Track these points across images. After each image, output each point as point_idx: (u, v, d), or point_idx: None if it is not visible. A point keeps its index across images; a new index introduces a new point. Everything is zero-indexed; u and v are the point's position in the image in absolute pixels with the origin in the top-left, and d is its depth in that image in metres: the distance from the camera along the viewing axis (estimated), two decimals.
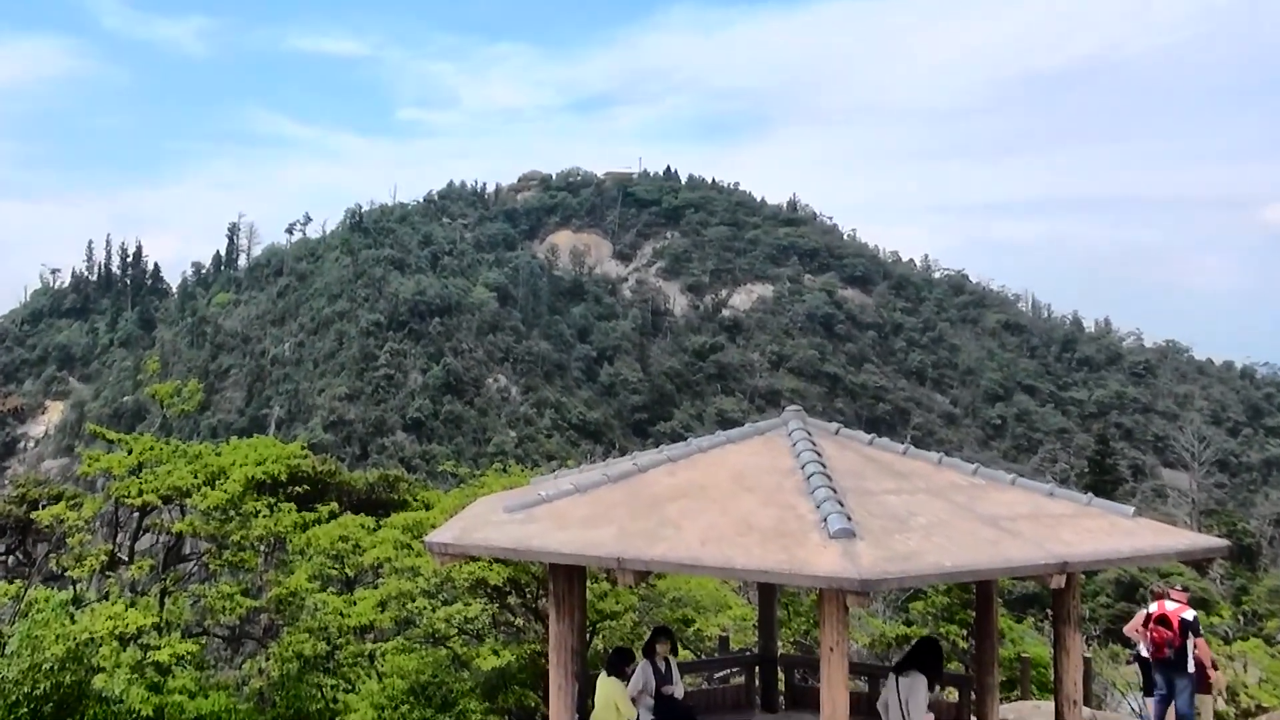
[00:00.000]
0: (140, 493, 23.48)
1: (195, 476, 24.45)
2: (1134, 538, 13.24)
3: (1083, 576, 16.29)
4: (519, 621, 23.81)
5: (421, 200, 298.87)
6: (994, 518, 12.95)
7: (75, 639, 18.55)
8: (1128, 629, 19.99)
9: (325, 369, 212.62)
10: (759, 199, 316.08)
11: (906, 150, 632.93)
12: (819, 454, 13.95)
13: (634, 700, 15.09)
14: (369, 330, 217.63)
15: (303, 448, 29.99)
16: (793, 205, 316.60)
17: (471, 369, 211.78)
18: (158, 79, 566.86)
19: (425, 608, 23.09)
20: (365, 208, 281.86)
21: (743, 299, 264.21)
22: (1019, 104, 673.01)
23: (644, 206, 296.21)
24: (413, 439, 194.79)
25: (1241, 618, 46.18)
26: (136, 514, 24.79)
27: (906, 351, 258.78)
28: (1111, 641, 36.96)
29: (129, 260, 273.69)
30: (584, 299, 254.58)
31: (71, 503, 25.26)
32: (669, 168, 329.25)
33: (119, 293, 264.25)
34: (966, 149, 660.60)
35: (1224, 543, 14.17)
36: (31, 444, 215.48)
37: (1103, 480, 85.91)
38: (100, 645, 19.65)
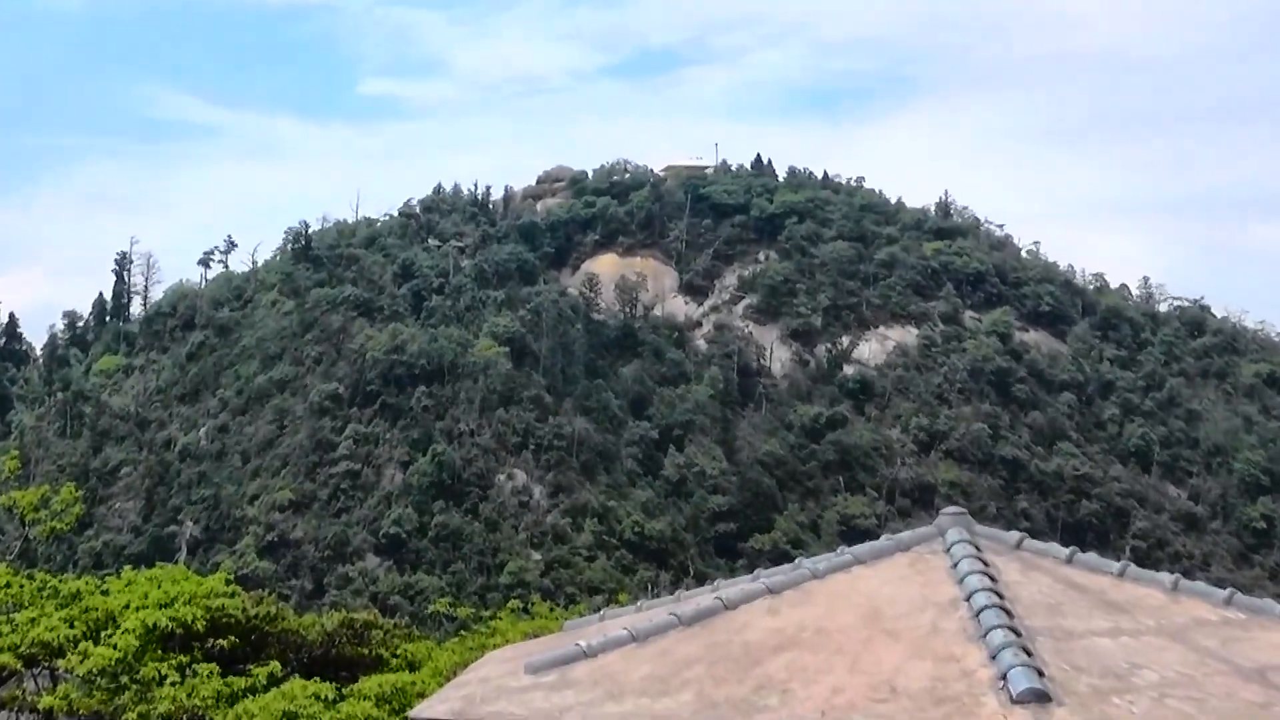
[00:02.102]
0: None
1: (72, 626, 24.54)
2: None
3: None
4: None
5: (397, 214, 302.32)
6: (1261, 669, 12.68)
7: None
8: None
9: (260, 465, 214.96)
10: (894, 200, 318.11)
11: (1111, 121, 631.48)
12: (993, 579, 13.79)
13: None
14: (323, 407, 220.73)
15: (228, 581, 30.15)
16: (945, 208, 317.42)
17: (475, 460, 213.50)
18: (14, 49, 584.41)
19: None
20: (315, 226, 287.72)
21: (874, 349, 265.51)
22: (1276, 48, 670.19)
23: (724, 215, 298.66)
24: (389, 565, 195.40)
25: None
26: None
27: (1121, 422, 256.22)
28: None
29: None
30: (639, 354, 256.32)
31: None
32: (760, 157, 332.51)
33: None
34: (1201, 115, 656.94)
35: None
36: None
37: None
38: None
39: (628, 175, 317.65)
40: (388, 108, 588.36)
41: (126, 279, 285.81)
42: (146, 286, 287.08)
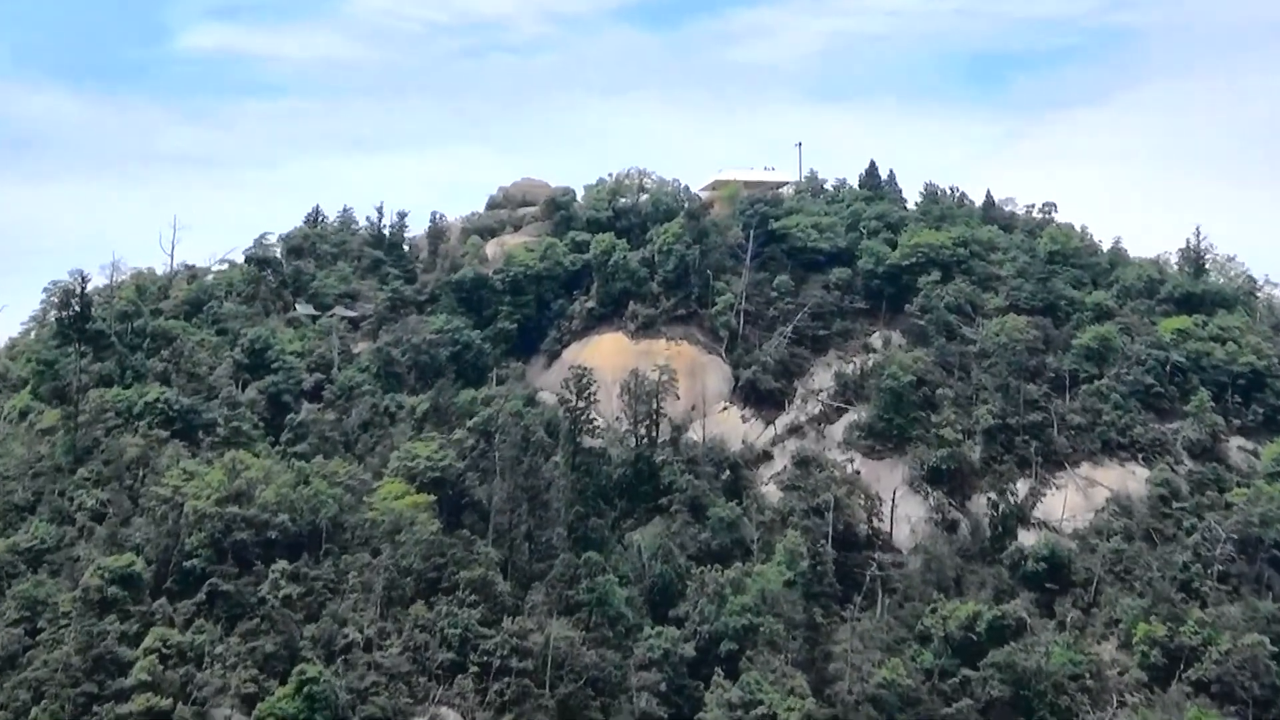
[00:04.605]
0: None
1: None
2: None
3: None
4: None
5: (243, 260, 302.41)
6: None
7: None
8: None
9: None
10: (1108, 245, 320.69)
11: None
12: None
13: None
14: (106, 597, 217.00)
15: None
16: (1195, 259, 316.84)
17: (373, 692, 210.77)
18: None
19: None
20: (98, 280, 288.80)
21: (1073, 502, 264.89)
22: None
23: (812, 267, 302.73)
24: None
25: None
26: None
27: None
28: None
29: None
30: (662, 508, 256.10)
31: None
32: (874, 168, 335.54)
33: None
34: None
35: None
36: None
37: None
38: None
39: (646, 196, 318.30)
40: (225, 74, 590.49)
41: None
42: None
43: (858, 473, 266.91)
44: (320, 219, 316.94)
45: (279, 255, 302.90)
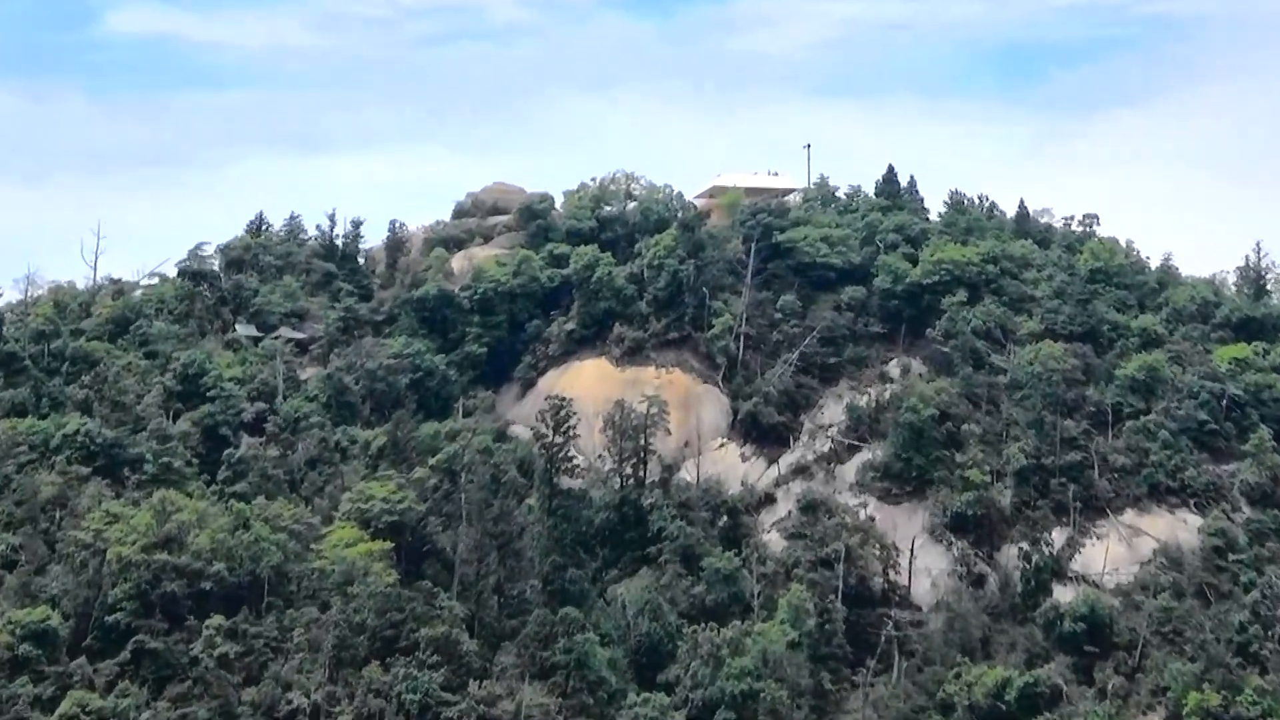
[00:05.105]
0: None
1: None
2: None
3: None
4: None
5: (176, 274, 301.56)
6: None
7: None
8: None
9: None
10: (1156, 262, 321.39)
11: None
12: None
13: None
14: (17, 655, 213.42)
15: None
16: (1255, 279, 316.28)
17: None
18: None
19: None
20: (9, 294, 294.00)
21: (1115, 554, 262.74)
22: None
23: (821, 285, 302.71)
24: None
25: None
26: None
27: None
28: None
29: None
30: (649, 558, 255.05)
31: None
32: (893, 173, 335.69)
33: None
34: None
35: None
36: None
37: None
38: None
39: (634, 203, 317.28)
40: (158, 62, 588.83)
41: None
42: None
43: (872, 519, 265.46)
44: (264, 227, 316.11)
45: (217, 268, 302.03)
